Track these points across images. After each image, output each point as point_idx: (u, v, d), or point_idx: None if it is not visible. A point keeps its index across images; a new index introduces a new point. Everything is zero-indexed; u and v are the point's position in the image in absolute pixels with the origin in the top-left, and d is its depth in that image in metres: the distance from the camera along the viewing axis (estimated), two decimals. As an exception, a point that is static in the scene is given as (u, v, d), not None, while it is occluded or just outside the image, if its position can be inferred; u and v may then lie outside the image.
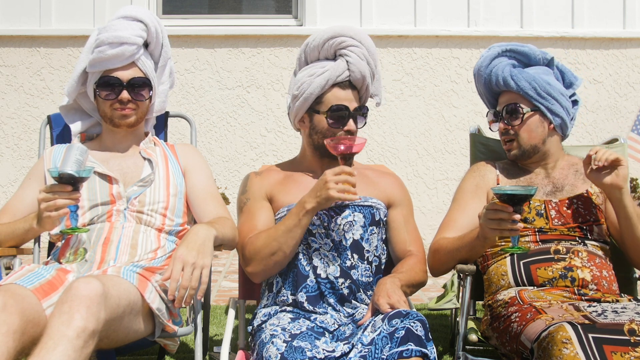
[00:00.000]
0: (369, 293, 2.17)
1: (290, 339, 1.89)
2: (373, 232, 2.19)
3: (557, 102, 2.33)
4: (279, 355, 1.83)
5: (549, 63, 2.41)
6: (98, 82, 2.28)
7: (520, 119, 2.34)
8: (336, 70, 2.20)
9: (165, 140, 2.64)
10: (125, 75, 2.27)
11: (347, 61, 2.22)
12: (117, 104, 2.28)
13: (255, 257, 2.12)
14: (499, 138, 2.65)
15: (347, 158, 2.05)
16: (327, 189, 2.00)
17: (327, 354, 1.84)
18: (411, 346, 1.80)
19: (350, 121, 2.20)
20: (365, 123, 2.27)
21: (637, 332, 1.77)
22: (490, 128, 2.48)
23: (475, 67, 2.48)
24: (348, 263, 2.14)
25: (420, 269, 2.20)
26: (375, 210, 2.21)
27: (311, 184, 2.24)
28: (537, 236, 2.27)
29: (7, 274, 2.10)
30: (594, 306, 2.01)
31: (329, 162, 2.26)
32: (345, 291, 2.11)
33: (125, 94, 2.27)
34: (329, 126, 2.19)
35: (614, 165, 2.20)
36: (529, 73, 2.34)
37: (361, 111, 2.24)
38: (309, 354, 1.83)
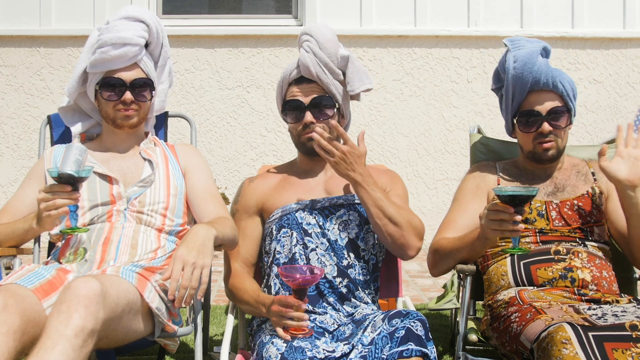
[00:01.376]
0: (367, 291, 2.17)
1: (290, 339, 1.89)
2: (369, 230, 2.19)
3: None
4: (279, 356, 1.83)
5: None
6: (101, 83, 2.28)
7: (568, 121, 2.32)
8: (287, 70, 2.25)
9: (165, 140, 2.64)
10: (128, 76, 2.27)
11: (298, 58, 2.24)
12: (120, 105, 2.27)
13: (231, 294, 2.21)
14: (499, 138, 2.66)
15: (301, 290, 1.90)
16: (274, 322, 1.96)
17: (327, 354, 1.84)
18: (411, 346, 1.80)
19: (307, 113, 2.19)
20: (336, 113, 2.22)
21: (639, 327, 1.76)
22: (519, 129, 2.34)
23: (516, 63, 2.31)
24: (345, 262, 2.14)
25: (416, 223, 2.16)
26: None
27: (308, 184, 2.25)
28: (538, 237, 2.27)
29: (7, 274, 2.10)
30: (594, 309, 2.01)
31: (322, 163, 2.26)
32: (344, 290, 2.12)
33: (128, 95, 2.27)
34: (289, 123, 2.23)
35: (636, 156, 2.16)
36: (562, 73, 2.32)
37: (322, 101, 2.20)
38: (309, 354, 1.83)
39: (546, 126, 2.29)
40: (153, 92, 2.35)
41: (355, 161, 2.10)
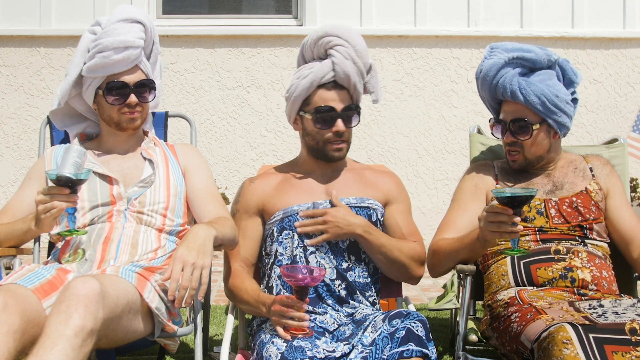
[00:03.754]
0: (366, 294, 2.17)
1: (290, 339, 1.89)
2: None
3: (564, 114, 2.30)
4: (280, 355, 1.83)
5: (552, 65, 2.37)
6: (105, 88, 2.26)
7: (529, 135, 2.29)
8: (320, 71, 2.17)
9: (165, 140, 2.64)
10: (131, 79, 2.27)
11: (332, 62, 2.18)
12: (125, 108, 2.27)
13: (231, 294, 2.20)
14: (498, 139, 2.65)
15: (302, 290, 1.90)
16: (274, 321, 1.96)
17: (327, 353, 1.84)
18: (412, 346, 1.80)
19: (339, 121, 2.16)
20: (359, 121, 2.23)
21: (639, 331, 1.76)
22: (492, 133, 2.43)
23: (480, 73, 2.38)
24: (344, 265, 2.14)
25: (419, 255, 2.22)
26: (372, 211, 2.21)
27: (309, 185, 2.25)
28: (538, 235, 2.27)
29: (7, 274, 2.10)
30: (594, 306, 2.01)
31: (324, 165, 2.26)
32: (342, 293, 2.11)
33: (133, 98, 2.26)
34: (317, 128, 2.18)
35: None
36: (537, 86, 2.27)
37: (352, 110, 2.20)
38: (309, 353, 1.83)
39: (508, 136, 2.34)
40: (154, 92, 2.35)
41: (346, 215, 2.13)
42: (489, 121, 2.44)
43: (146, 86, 2.31)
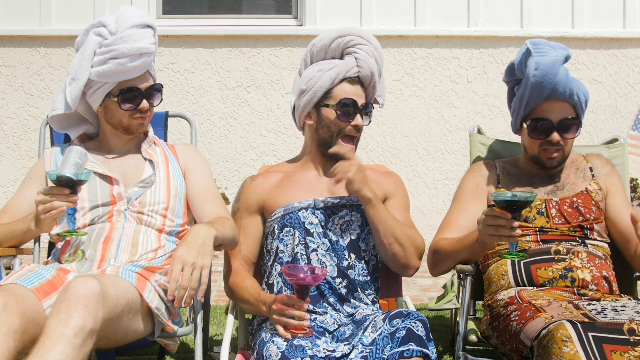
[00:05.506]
0: (367, 292, 2.17)
1: (290, 338, 1.89)
2: (370, 231, 2.19)
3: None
4: (280, 354, 1.83)
5: None
6: (120, 94, 2.25)
7: (576, 133, 2.31)
8: (346, 65, 2.21)
9: (165, 140, 2.64)
10: (144, 85, 2.28)
11: (356, 58, 2.22)
12: (137, 113, 2.28)
13: (231, 292, 2.20)
14: (499, 138, 2.66)
15: (303, 289, 1.90)
16: (275, 320, 1.96)
17: (327, 353, 1.85)
18: (412, 346, 1.80)
19: (358, 116, 2.20)
20: (370, 121, 2.27)
21: (637, 331, 1.77)
22: (530, 135, 2.32)
23: (537, 71, 2.26)
24: (345, 263, 2.14)
25: (418, 244, 2.18)
26: None
27: (310, 182, 2.25)
28: (538, 236, 2.27)
29: (7, 274, 2.10)
30: (594, 304, 2.01)
31: (326, 162, 2.26)
32: (343, 291, 2.12)
33: (145, 104, 2.28)
34: (338, 119, 2.19)
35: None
36: (580, 83, 2.30)
37: (367, 109, 2.24)
38: (309, 352, 1.83)
39: (555, 136, 2.28)
40: (160, 94, 2.35)
41: (365, 177, 2.13)
42: (527, 123, 2.32)
43: (155, 90, 2.32)
